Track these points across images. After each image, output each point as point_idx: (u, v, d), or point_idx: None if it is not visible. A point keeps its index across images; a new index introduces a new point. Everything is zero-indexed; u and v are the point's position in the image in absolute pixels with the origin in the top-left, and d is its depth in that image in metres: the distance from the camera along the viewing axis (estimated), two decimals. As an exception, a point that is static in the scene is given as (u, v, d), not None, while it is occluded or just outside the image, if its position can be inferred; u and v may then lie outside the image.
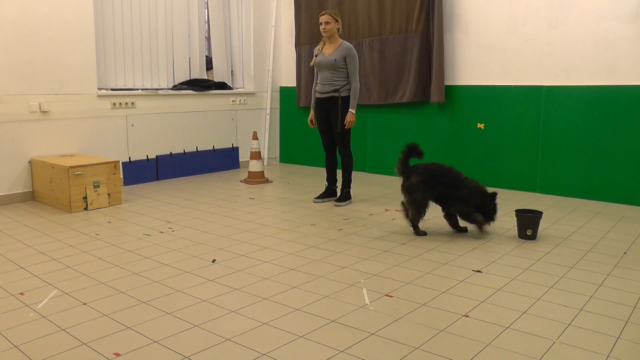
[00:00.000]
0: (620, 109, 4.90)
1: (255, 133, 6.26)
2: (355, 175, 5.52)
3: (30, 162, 5.14)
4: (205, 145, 6.73)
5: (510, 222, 4.20)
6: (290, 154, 7.53)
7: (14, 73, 4.95)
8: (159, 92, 6.21)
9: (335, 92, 4.84)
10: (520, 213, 3.92)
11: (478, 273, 3.20)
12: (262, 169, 6.15)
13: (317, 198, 5.12)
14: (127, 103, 5.85)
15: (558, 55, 5.19)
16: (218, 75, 6.98)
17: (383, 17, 6.21)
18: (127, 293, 2.90)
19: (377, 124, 6.51)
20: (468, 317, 2.60)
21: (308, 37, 6.93)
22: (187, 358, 2.21)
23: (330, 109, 4.91)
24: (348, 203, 5.00)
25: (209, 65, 6.95)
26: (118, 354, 2.24)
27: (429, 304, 2.75)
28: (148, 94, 6.08)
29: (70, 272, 3.22)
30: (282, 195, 5.44)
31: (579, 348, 2.29)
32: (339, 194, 5.08)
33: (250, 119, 7.23)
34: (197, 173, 6.64)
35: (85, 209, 4.78)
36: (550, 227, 4.19)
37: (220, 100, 6.84)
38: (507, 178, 5.59)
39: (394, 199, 5.15)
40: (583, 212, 4.68)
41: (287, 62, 7.47)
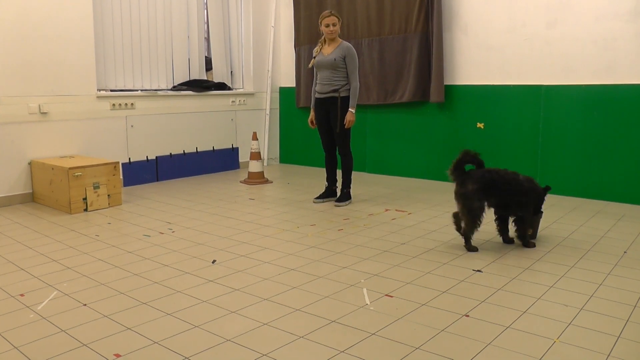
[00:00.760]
0: (620, 108, 4.90)
1: (255, 133, 6.26)
2: (355, 175, 5.51)
3: (30, 163, 5.14)
4: (205, 146, 6.73)
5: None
6: (290, 155, 7.53)
7: (14, 74, 4.95)
8: (159, 92, 6.21)
9: (335, 92, 4.85)
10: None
11: (478, 272, 3.20)
12: (261, 170, 6.14)
13: (317, 198, 5.12)
14: (126, 104, 5.85)
15: (557, 55, 5.19)
16: (217, 76, 6.98)
17: (382, 17, 6.21)
18: (127, 294, 2.90)
19: (376, 124, 6.50)
20: (468, 316, 2.60)
21: (307, 37, 6.93)
22: (187, 359, 2.21)
23: (330, 109, 4.91)
24: (348, 203, 5.00)
25: (209, 66, 6.95)
26: (118, 355, 2.24)
27: (429, 304, 2.75)
28: (147, 95, 6.08)
29: (71, 273, 3.22)
30: (282, 196, 5.43)
31: (580, 347, 2.29)
32: (339, 194, 5.09)
33: (250, 120, 7.23)
34: (197, 174, 6.63)
35: (85, 210, 4.78)
36: (550, 226, 4.19)
37: (220, 101, 6.84)
38: (507, 177, 5.58)
39: (394, 199, 5.15)
40: (583, 211, 4.68)
41: (286, 62, 7.47)
